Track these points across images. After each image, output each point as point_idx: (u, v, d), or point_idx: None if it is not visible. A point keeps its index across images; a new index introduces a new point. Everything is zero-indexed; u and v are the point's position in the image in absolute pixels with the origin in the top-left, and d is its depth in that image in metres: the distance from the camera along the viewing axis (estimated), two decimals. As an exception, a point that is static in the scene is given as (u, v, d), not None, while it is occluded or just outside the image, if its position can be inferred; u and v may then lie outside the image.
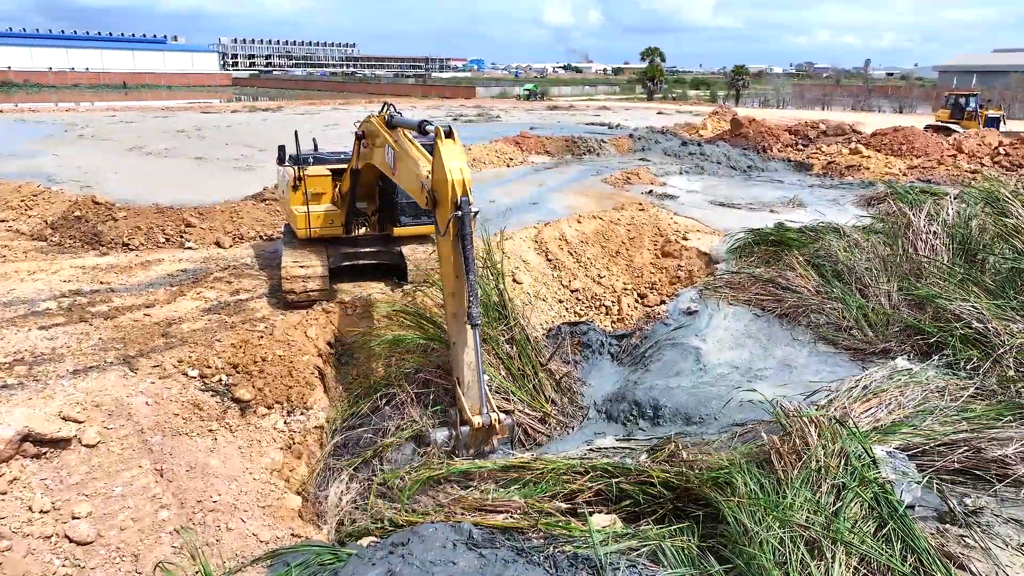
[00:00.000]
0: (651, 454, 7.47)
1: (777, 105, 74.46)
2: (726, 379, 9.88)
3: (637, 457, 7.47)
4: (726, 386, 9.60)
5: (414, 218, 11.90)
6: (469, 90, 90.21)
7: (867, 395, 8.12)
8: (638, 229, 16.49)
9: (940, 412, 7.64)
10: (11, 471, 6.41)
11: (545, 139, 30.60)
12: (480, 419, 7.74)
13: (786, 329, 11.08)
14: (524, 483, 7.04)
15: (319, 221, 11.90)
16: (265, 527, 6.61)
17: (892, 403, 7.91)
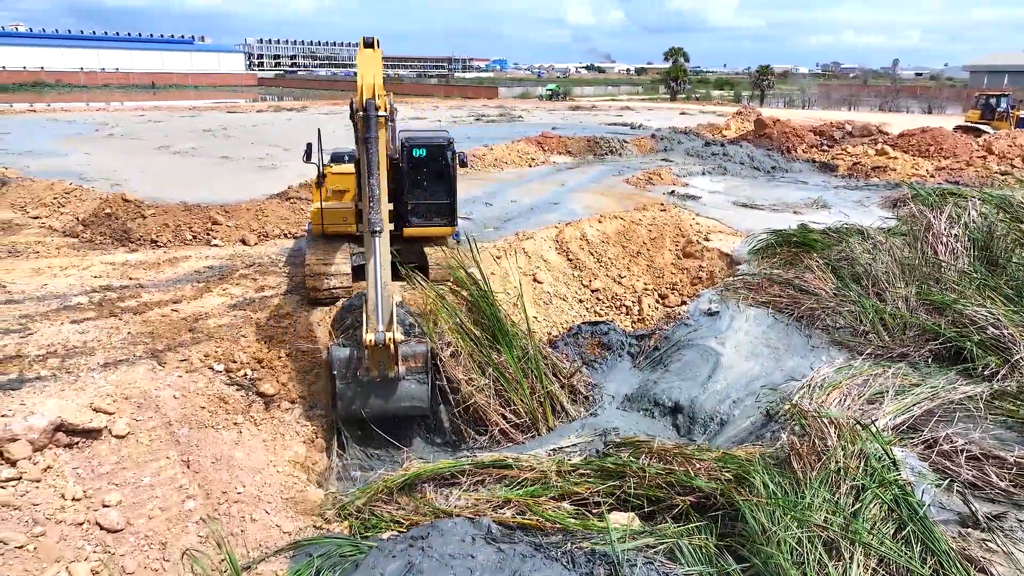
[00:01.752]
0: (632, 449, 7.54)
1: (802, 105, 73.66)
2: (744, 381, 9.86)
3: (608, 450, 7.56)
4: (744, 387, 9.59)
5: (424, 219, 11.91)
6: (491, 90, 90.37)
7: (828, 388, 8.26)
8: (659, 229, 16.47)
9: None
10: (45, 459, 6.60)
11: (567, 139, 30.60)
12: (372, 336, 7.31)
13: (804, 334, 11.02)
14: (518, 483, 7.08)
15: (332, 218, 12.10)
16: (288, 519, 6.74)
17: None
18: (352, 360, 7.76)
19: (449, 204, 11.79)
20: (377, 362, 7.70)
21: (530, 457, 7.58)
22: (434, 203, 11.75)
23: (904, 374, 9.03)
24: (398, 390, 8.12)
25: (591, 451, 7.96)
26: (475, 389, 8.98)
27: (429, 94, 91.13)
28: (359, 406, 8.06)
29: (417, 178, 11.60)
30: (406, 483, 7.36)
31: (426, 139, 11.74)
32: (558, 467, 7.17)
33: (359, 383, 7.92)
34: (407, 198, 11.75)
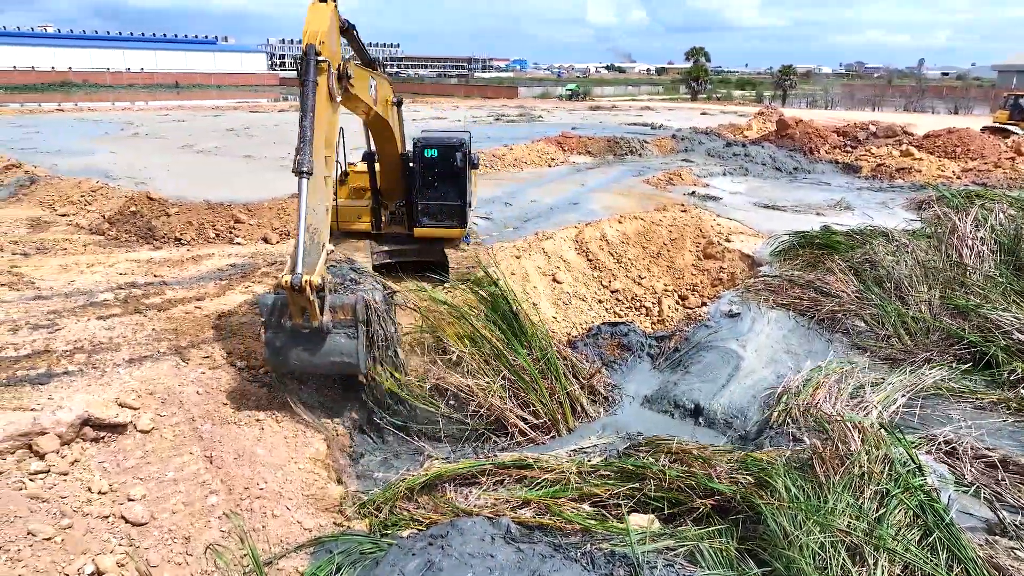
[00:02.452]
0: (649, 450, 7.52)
1: (825, 106, 72.84)
2: (765, 383, 9.77)
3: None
4: (765, 390, 9.51)
5: (434, 220, 11.92)
6: (511, 90, 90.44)
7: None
8: (680, 230, 16.38)
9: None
10: (72, 453, 6.71)
11: (587, 139, 30.53)
12: (289, 277, 7.10)
13: (825, 339, 10.91)
14: (537, 483, 7.08)
15: (347, 215, 12.25)
16: (309, 515, 6.79)
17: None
18: (278, 307, 7.47)
19: (459, 206, 11.77)
20: (299, 309, 7.43)
21: (550, 458, 7.58)
22: (444, 204, 11.75)
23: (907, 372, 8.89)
24: (326, 344, 7.67)
25: (611, 452, 7.94)
26: (489, 393, 8.97)
27: (449, 94, 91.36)
28: (286, 358, 7.76)
29: (428, 178, 11.67)
30: (427, 483, 7.39)
31: (438, 139, 11.76)
32: (578, 468, 7.16)
33: (286, 333, 7.60)
34: (417, 198, 11.81)
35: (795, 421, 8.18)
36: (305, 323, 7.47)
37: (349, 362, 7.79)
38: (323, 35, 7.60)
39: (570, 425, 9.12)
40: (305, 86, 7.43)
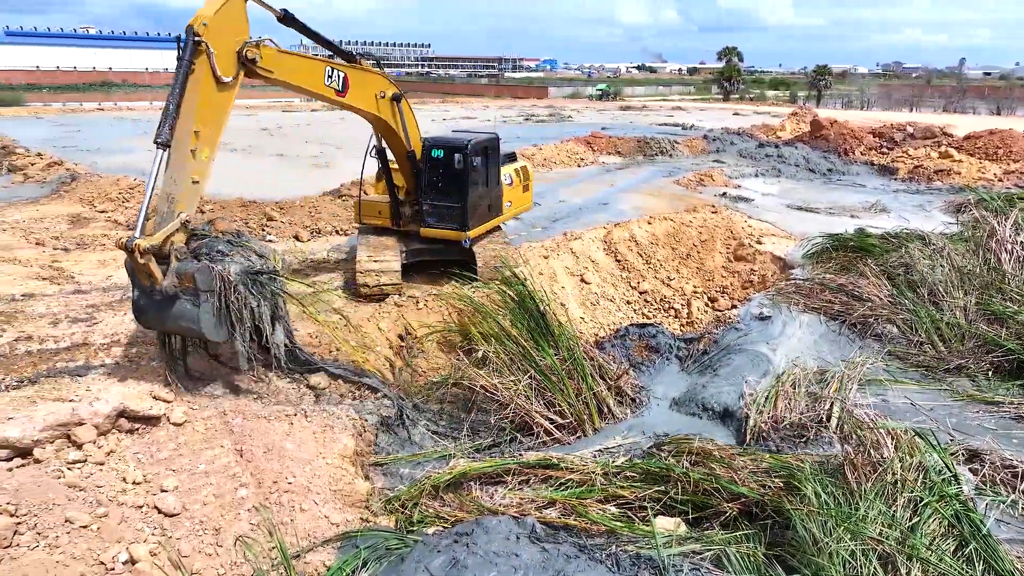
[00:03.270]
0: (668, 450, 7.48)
1: (861, 106, 71.52)
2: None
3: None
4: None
5: (438, 221, 11.95)
6: (541, 90, 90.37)
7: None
8: (710, 232, 16.22)
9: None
10: (108, 443, 6.87)
11: (616, 139, 30.39)
12: (124, 239, 7.33)
13: (857, 345, 10.72)
14: (563, 484, 7.07)
15: (368, 209, 12.57)
16: (336, 510, 6.85)
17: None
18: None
19: (460, 208, 11.66)
20: (142, 271, 7.63)
21: (575, 458, 7.56)
22: (446, 205, 11.76)
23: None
24: (174, 308, 7.80)
25: (635, 452, 7.90)
26: (515, 392, 8.97)
27: (479, 94, 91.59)
28: (146, 317, 7.96)
29: (433, 179, 11.74)
30: (452, 481, 7.42)
31: (445, 140, 11.82)
32: (603, 469, 7.13)
33: (145, 293, 7.82)
34: (422, 197, 11.87)
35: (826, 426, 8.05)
36: (142, 284, 7.72)
37: (194, 328, 7.89)
38: (207, 18, 7.84)
39: (596, 426, 9.08)
40: (179, 63, 7.79)
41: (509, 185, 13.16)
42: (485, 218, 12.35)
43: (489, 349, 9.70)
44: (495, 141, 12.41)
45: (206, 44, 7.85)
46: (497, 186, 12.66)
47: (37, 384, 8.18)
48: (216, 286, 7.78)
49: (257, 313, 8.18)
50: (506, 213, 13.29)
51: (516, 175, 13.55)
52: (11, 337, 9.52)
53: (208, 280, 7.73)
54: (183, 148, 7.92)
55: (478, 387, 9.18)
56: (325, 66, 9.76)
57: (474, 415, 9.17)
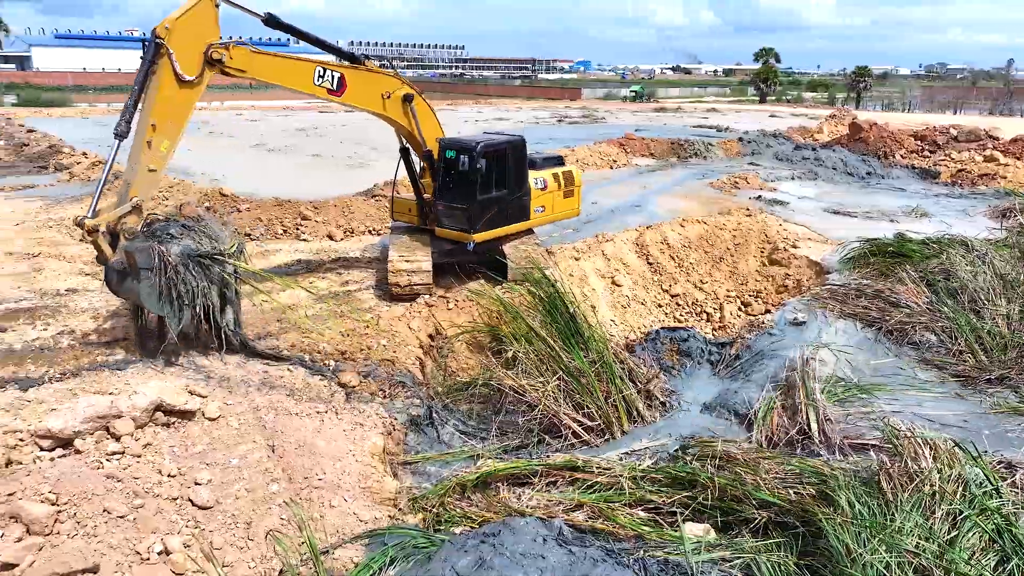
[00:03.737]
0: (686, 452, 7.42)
1: (903, 108, 69.96)
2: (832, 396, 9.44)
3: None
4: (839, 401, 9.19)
5: (450, 221, 12.00)
6: (574, 91, 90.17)
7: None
8: (744, 235, 16.00)
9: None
10: (145, 436, 7.03)
11: (650, 141, 30.18)
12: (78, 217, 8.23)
13: (893, 354, 10.47)
14: (590, 486, 7.03)
15: (399, 207, 12.84)
16: (365, 507, 6.92)
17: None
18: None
19: (466, 210, 11.62)
20: (94, 247, 8.40)
21: (601, 460, 7.52)
22: (455, 207, 11.79)
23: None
24: (126, 282, 8.45)
25: (663, 455, 7.84)
26: (543, 393, 8.95)
27: (513, 95, 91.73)
28: (112, 287, 8.61)
29: (446, 179, 11.81)
30: (479, 481, 7.43)
31: (458, 141, 11.85)
32: (630, 472, 7.08)
33: (111, 267, 8.48)
34: (436, 197, 11.98)
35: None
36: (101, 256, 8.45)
37: (140, 302, 8.68)
38: (169, 22, 8.54)
39: (625, 429, 9.02)
40: (141, 62, 8.58)
41: (542, 189, 12.82)
42: (499, 223, 12.04)
43: (518, 349, 9.71)
44: (518, 144, 12.15)
45: (167, 47, 8.51)
46: (520, 190, 12.34)
47: (79, 377, 8.41)
48: (155, 264, 8.32)
49: (198, 292, 8.63)
50: (536, 218, 12.94)
51: (554, 179, 13.12)
52: (55, 330, 9.81)
53: (147, 259, 8.29)
54: (140, 139, 8.75)
55: (506, 388, 9.18)
56: (314, 66, 10.15)
57: (502, 416, 9.17)
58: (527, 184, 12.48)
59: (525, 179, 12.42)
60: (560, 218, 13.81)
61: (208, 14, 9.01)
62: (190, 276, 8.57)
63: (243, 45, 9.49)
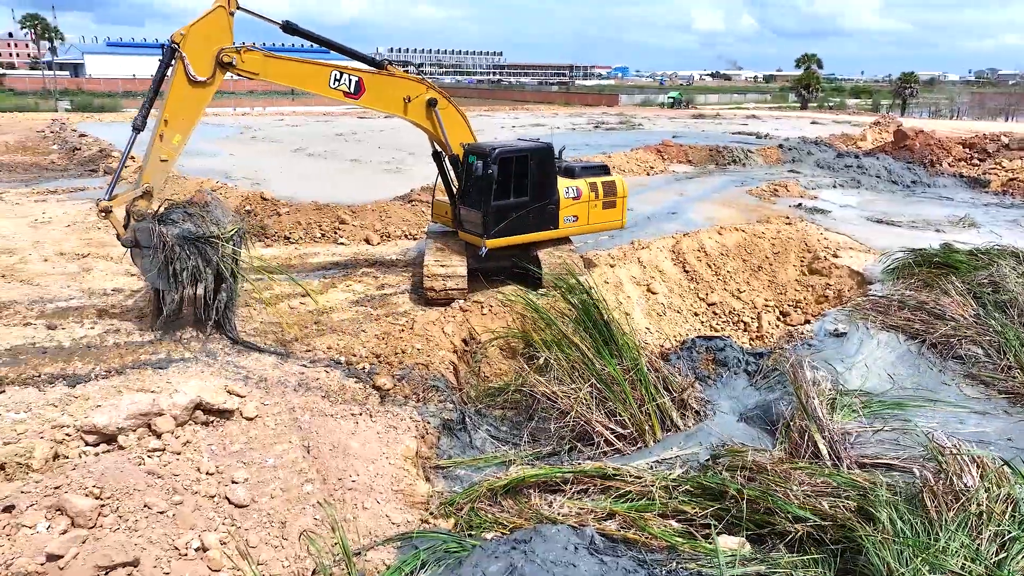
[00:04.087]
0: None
1: (950, 115, 68.14)
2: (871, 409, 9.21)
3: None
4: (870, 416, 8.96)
5: (469, 225, 12.06)
6: (611, 97, 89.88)
7: None
8: (784, 244, 15.73)
9: None
10: (185, 434, 7.18)
11: (687, 148, 29.89)
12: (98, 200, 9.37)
13: (937, 368, 10.17)
14: (622, 495, 6.96)
15: (437, 209, 12.99)
16: (397, 510, 6.96)
17: None
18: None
19: (480, 215, 11.65)
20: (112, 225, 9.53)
21: (632, 469, 7.45)
22: (473, 211, 11.85)
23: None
24: (136, 256, 9.59)
25: (693, 464, 7.74)
26: (576, 400, 8.90)
27: (550, 101, 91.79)
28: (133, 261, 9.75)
29: (467, 184, 11.92)
30: (509, 486, 7.42)
31: (477, 147, 11.86)
32: (662, 482, 7.00)
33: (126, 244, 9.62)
34: (458, 201, 12.19)
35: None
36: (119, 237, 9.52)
37: (147, 279, 9.82)
38: (185, 30, 9.56)
39: (658, 437, 8.92)
40: (160, 63, 9.62)
41: (575, 199, 12.51)
42: (518, 230, 11.89)
43: (550, 356, 9.68)
44: (541, 151, 11.96)
45: (180, 51, 9.50)
46: (545, 199, 12.11)
47: (123, 375, 8.65)
48: (154, 243, 9.32)
49: (191, 271, 9.56)
50: (567, 228, 12.59)
51: (590, 189, 12.74)
52: (102, 329, 10.09)
53: (147, 238, 9.35)
54: (155, 133, 9.69)
55: (539, 394, 9.16)
56: (330, 70, 10.74)
57: (535, 422, 9.15)
58: (555, 192, 12.25)
59: (551, 187, 12.19)
60: (599, 229, 13.40)
61: (221, 22, 9.82)
62: (185, 256, 9.45)
63: (256, 50, 10.18)
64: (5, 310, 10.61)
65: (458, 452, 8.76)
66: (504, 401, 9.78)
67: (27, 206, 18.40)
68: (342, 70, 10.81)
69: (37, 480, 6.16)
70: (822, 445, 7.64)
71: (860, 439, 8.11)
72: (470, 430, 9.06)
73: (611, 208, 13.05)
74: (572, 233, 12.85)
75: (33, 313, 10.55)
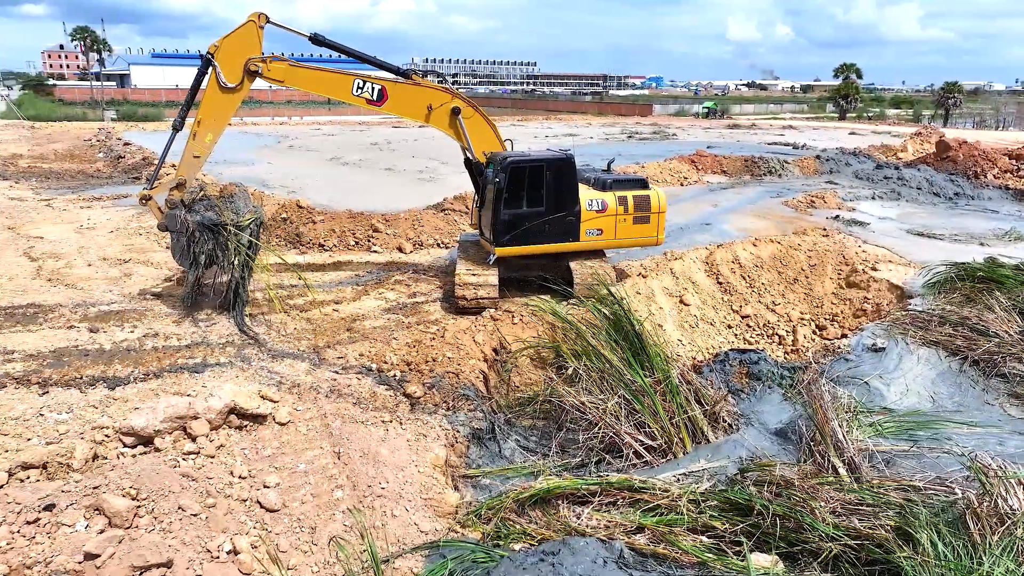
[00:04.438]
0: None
1: (996, 126, 66.36)
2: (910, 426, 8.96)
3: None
4: (910, 433, 8.73)
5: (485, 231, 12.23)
6: (645, 107, 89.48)
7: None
8: (820, 256, 15.45)
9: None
10: (219, 438, 7.30)
11: (722, 158, 29.59)
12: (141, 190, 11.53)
13: (980, 387, 9.87)
14: (651, 508, 6.88)
15: (474, 217, 13.10)
16: (426, 519, 6.97)
17: None
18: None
19: (492, 224, 11.80)
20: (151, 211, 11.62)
21: (658, 481, 7.37)
22: (486, 218, 12.17)
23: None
24: (173, 242, 10.95)
25: (721, 477, 7.62)
26: (604, 412, 8.83)
27: (583, 111, 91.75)
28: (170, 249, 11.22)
29: (483, 192, 12.34)
30: (537, 497, 7.38)
31: (496, 156, 11.96)
32: (690, 496, 6.91)
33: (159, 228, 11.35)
34: (479, 207, 12.58)
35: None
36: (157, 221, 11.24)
37: (174, 257, 11.20)
38: (218, 43, 10.99)
39: (688, 450, 8.81)
40: (196, 75, 11.21)
41: (599, 212, 12.13)
42: (530, 240, 11.84)
43: (578, 367, 9.64)
44: (559, 162, 11.79)
45: (214, 62, 10.93)
46: (564, 211, 11.93)
47: (160, 378, 8.83)
48: (177, 228, 10.64)
49: (207, 254, 10.74)
50: (588, 240, 12.22)
51: (619, 203, 12.29)
52: (140, 333, 10.33)
53: (174, 223, 10.70)
54: (191, 133, 11.19)
55: (567, 405, 9.11)
56: (353, 78, 11.63)
57: (563, 433, 9.10)
58: (575, 204, 11.99)
59: (570, 199, 11.96)
60: (630, 244, 12.92)
61: (251, 35, 11.05)
62: (203, 240, 10.65)
63: (282, 60, 11.31)
64: (51, 313, 10.93)
65: (487, 461, 8.75)
66: (533, 411, 9.75)
67: (73, 212, 18.97)
68: (365, 78, 11.57)
69: (77, 480, 6.32)
70: (839, 464, 7.47)
71: (889, 457, 7.91)
72: (499, 440, 9.04)
73: (644, 223, 12.55)
74: (596, 247, 12.53)
75: (77, 316, 10.85)
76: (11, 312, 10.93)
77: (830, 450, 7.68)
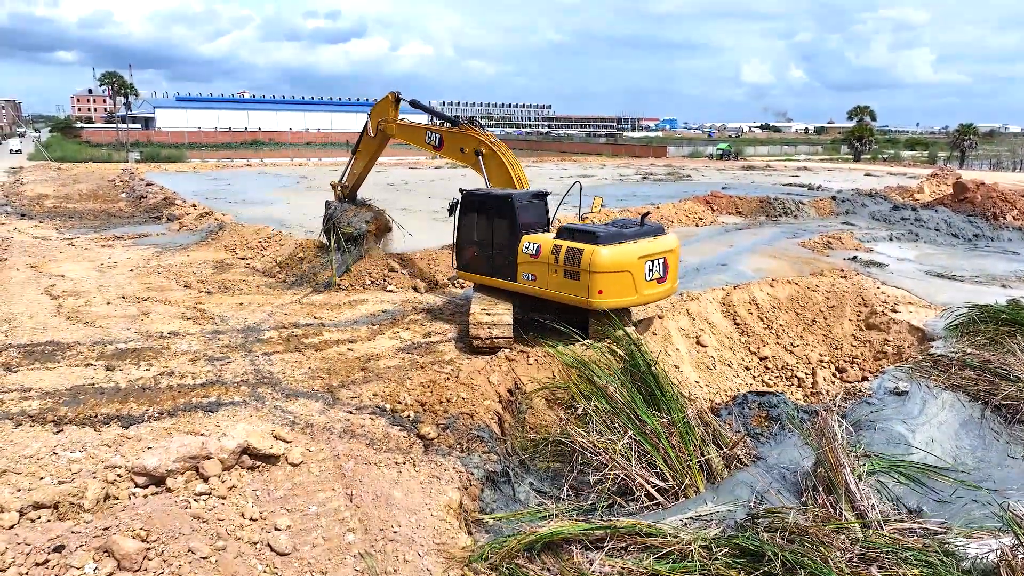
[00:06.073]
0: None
1: (1013, 168, 66.11)
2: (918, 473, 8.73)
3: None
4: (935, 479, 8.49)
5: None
6: (659, 149, 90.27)
7: None
8: (838, 297, 15.28)
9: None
10: (231, 479, 7.24)
11: (737, 199, 29.64)
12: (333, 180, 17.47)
13: (1003, 440, 9.63)
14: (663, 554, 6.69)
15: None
16: (438, 564, 6.81)
17: None
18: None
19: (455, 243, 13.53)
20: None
21: (666, 526, 7.18)
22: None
23: None
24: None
25: (730, 522, 7.41)
26: (615, 453, 8.67)
27: (597, 153, 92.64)
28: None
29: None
30: (545, 542, 7.20)
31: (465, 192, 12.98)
32: (701, 542, 6.72)
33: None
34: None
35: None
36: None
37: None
38: (372, 110, 16.40)
39: (701, 490, 8.61)
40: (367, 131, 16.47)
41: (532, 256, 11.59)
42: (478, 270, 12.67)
43: (588, 407, 9.51)
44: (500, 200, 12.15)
45: (368, 121, 16.23)
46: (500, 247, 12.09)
47: (175, 417, 8.81)
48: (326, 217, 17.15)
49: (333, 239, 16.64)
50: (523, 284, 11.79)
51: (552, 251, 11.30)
52: (156, 371, 10.36)
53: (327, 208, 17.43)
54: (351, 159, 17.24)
55: (577, 445, 8.96)
56: (425, 130, 15.32)
57: (576, 475, 8.93)
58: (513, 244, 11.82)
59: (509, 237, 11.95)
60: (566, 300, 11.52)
61: (387, 104, 15.92)
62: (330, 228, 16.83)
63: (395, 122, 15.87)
64: (69, 351, 11.01)
65: (501, 505, 8.59)
66: (547, 452, 9.60)
67: (95, 251, 19.27)
68: (431, 129, 15.22)
69: (88, 520, 6.26)
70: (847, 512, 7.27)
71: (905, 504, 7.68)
72: (513, 483, 8.89)
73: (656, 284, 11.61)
74: (530, 292, 11.84)
75: (94, 354, 10.92)
76: (31, 349, 11.02)
77: (842, 499, 7.48)
